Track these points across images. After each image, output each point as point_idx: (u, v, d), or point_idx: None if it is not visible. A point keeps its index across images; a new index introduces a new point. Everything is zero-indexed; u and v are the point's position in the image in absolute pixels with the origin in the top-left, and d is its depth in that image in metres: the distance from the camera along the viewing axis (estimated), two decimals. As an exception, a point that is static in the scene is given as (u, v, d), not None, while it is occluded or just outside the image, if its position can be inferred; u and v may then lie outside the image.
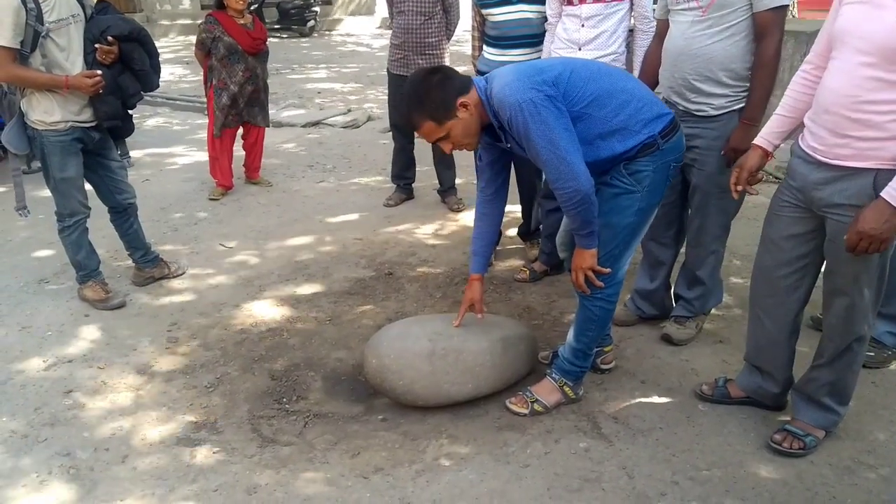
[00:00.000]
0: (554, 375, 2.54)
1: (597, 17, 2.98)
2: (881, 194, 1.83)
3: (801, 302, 2.27)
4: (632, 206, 2.21)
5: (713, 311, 3.06)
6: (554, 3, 3.14)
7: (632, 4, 3.02)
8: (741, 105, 2.52)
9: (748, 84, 2.49)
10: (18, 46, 2.78)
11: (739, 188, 2.26)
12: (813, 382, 2.26)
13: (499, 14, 3.34)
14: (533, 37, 3.36)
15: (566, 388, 2.53)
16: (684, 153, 2.31)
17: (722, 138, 2.55)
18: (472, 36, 3.66)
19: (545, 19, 3.32)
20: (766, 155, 2.22)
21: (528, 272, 3.58)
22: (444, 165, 4.65)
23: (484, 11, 3.42)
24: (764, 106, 2.49)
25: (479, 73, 3.49)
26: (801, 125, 2.12)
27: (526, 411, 2.48)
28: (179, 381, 2.75)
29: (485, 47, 3.52)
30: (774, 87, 2.49)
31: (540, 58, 3.39)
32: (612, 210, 2.22)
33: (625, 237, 2.25)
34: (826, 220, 2.05)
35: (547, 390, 2.53)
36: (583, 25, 3.01)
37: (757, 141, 2.23)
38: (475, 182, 2.77)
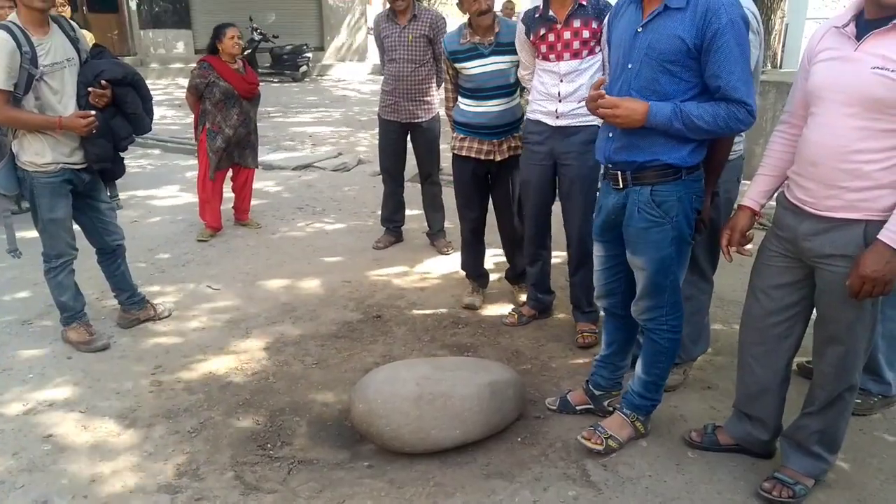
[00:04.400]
0: (625, 411, 2.54)
1: (574, 73, 3.03)
2: (879, 237, 1.86)
3: (791, 350, 2.28)
4: (665, 237, 2.23)
5: (700, 357, 3.06)
6: (528, 58, 3.18)
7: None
8: None
9: None
10: (12, 89, 2.80)
11: (733, 250, 2.27)
12: (803, 430, 2.26)
13: (473, 67, 3.36)
14: (508, 87, 3.40)
15: (637, 423, 2.53)
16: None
17: None
18: (446, 88, 3.64)
19: (517, 68, 3.39)
20: (755, 215, 2.26)
21: (516, 316, 3.58)
22: (434, 209, 4.69)
23: (457, 66, 3.41)
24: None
25: (457, 123, 3.53)
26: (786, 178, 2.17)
27: (601, 447, 2.47)
28: (162, 426, 2.70)
29: (460, 98, 3.52)
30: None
31: (515, 107, 3.46)
32: (649, 245, 2.26)
33: (671, 267, 2.27)
34: (816, 271, 2.07)
35: (618, 425, 2.53)
36: (561, 80, 3.05)
37: (745, 202, 2.26)
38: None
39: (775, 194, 2.27)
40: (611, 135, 2.26)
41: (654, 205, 2.21)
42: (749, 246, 2.30)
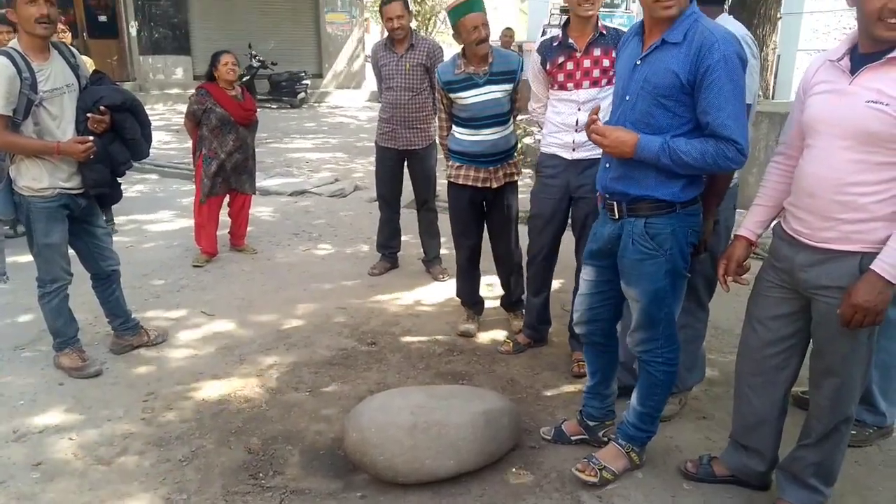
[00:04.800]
0: (620, 441, 2.52)
1: (593, 101, 3.01)
2: (872, 267, 1.87)
3: (789, 381, 2.28)
4: (659, 269, 2.24)
5: (696, 386, 3.05)
6: (542, 90, 3.19)
7: None
8: None
9: None
10: (10, 114, 2.82)
11: (730, 279, 2.28)
12: (799, 462, 2.24)
13: (468, 97, 3.38)
14: (503, 115, 3.44)
15: (632, 454, 2.50)
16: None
17: None
18: (439, 117, 3.65)
19: (512, 98, 3.43)
20: (751, 244, 2.27)
21: (511, 344, 3.57)
22: (430, 235, 4.70)
23: (452, 95, 3.43)
24: None
25: (452, 152, 3.55)
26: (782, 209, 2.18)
27: (595, 479, 2.44)
28: (153, 454, 2.67)
29: (455, 127, 3.53)
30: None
31: (509, 135, 3.50)
32: (643, 277, 2.26)
33: (666, 300, 2.28)
34: (813, 302, 2.08)
35: (613, 456, 2.51)
36: (579, 109, 3.05)
37: (741, 231, 2.27)
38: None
39: (771, 224, 2.28)
40: (608, 165, 2.29)
41: (648, 237, 2.22)
42: (745, 276, 2.31)
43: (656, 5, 2.07)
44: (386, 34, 4.46)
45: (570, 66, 3.04)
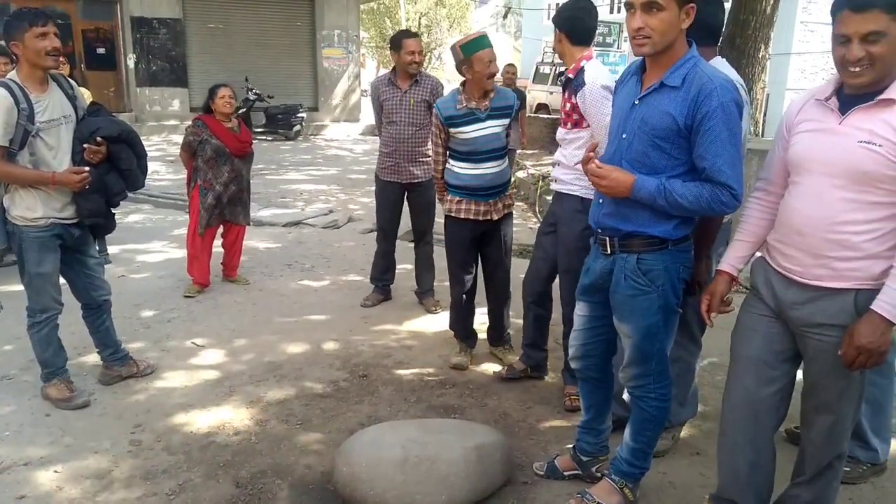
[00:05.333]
0: (613, 477, 2.49)
1: (564, 140, 3.15)
2: (873, 308, 1.86)
3: (781, 421, 2.24)
4: (651, 305, 2.24)
5: (689, 422, 3.04)
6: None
7: None
8: None
9: None
10: (7, 144, 2.84)
11: (713, 315, 2.26)
12: (793, 500, 2.22)
13: (470, 132, 3.44)
14: (502, 149, 3.52)
15: (626, 490, 2.47)
16: None
17: None
18: (436, 151, 3.66)
19: (508, 133, 3.52)
20: (733, 280, 2.26)
21: (505, 368, 3.62)
22: (426, 268, 4.71)
23: (453, 130, 3.47)
24: None
25: (451, 186, 3.58)
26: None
27: None
28: (139, 488, 2.62)
29: (453, 162, 3.57)
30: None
31: (506, 168, 3.57)
32: (635, 313, 2.27)
33: (658, 336, 2.27)
34: (804, 339, 2.05)
35: (607, 492, 2.48)
36: (559, 145, 3.19)
37: (723, 267, 2.26)
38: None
39: (751, 260, 2.29)
40: (601, 200, 2.31)
41: (640, 273, 2.23)
42: (731, 306, 2.32)
43: (633, 43, 2.10)
44: (384, 70, 4.54)
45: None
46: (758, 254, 2.27)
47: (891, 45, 1.80)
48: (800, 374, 2.18)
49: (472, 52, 3.36)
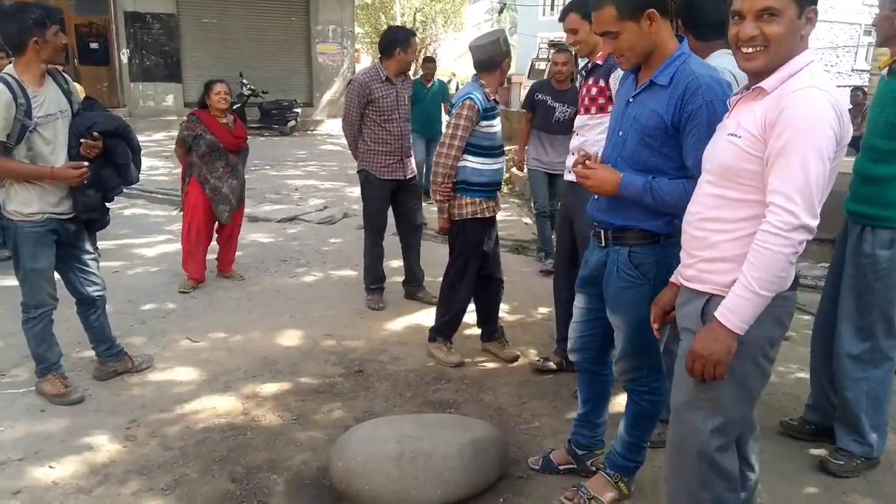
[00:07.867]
0: (608, 471, 2.51)
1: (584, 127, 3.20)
2: (714, 314, 1.76)
3: None
4: (643, 298, 2.24)
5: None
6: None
7: None
8: None
9: None
10: (4, 139, 2.83)
11: (657, 326, 2.17)
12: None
13: (495, 124, 3.49)
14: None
15: (621, 484, 2.49)
16: None
17: None
18: (455, 153, 3.38)
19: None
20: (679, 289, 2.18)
21: (541, 360, 3.66)
22: (417, 262, 4.73)
23: (484, 123, 3.40)
24: None
25: (471, 185, 3.46)
26: None
27: None
28: (135, 483, 2.63)
29: (474, 158, 3.43)
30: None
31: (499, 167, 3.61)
32: (627, 306, 2.27)
33: (649, 328, 2.23)
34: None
35: (601, 486, 2.49)
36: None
37: (672, 278, 2.14)
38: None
39: None
40: (597, 195, 2.32)
41: (631, 265, 2.25)
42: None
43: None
44: (372, 64, 4.55)
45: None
46: None
47: (787, 27, 1.68)
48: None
49: (508, 48, 3.49)
